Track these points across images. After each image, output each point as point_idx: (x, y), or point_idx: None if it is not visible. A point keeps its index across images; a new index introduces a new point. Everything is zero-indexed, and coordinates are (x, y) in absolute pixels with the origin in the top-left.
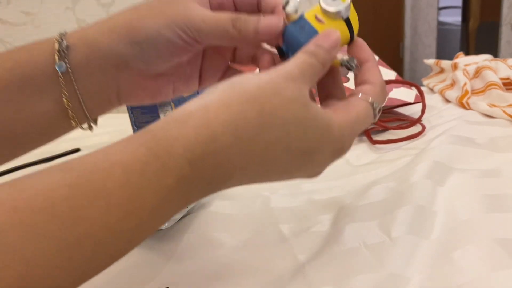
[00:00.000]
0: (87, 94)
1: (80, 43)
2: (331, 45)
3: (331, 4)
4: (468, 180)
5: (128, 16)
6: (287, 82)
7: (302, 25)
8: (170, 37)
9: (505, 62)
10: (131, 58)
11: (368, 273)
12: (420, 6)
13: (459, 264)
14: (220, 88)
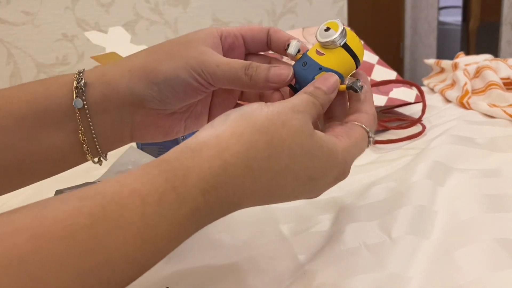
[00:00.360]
0: (101, 131)
1: (98, 81)
2: (329, 88)
3: (325, 35)
4: (469, 180)
5: (147, 58)
6: (293, 114)
7: (305, 61)
8: (186, 79)
9: (506, 62)
10: (148, 97)
11: (368, 273)
12: (421, 6)
13: (460, 264)
14: (231, 118)
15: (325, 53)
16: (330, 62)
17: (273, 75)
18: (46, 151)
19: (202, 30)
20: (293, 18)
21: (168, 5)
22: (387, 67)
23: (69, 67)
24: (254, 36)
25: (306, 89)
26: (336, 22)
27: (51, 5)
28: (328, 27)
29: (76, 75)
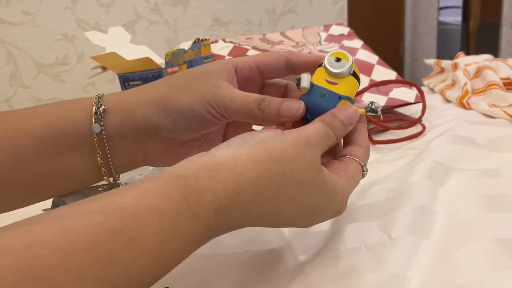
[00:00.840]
0: (116, 154)
1: (116, 108)
2: (348, 119)
3: (338, 66)
4: (469, 180)
5: (164, 91)
6: (306, 149)
7: (321, 93)
8: (201, 112)
9: (506, 62)
10: (163, 127)
11: (368, 273)
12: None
13: (460, 264)
14: (249, 144)
15: (338, 82)
16: (344, 90)
17: (284, 110)
18: (62, 172)
19: (218, 62)
20: (293, 18)
21: (168, 5)
22: (387, 67)
23: (69, 67)
24: (270, 66)
25: (325, 118)
26: (343, 53)
27: (51, 5)
28: (338, 58)
29: (96, 100)
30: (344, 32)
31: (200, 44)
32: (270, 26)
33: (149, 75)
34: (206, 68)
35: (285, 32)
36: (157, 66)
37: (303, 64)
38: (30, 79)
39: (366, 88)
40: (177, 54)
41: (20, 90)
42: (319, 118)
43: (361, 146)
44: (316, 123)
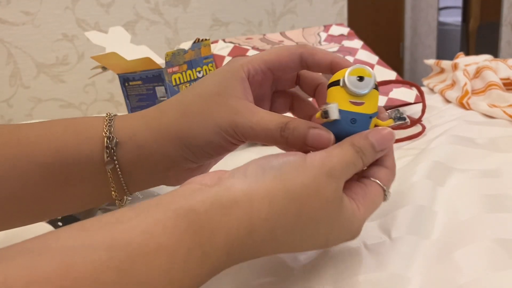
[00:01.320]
0: (131, 183)
1: (130, 142)
2: (381, 144)
3: (363, 85)
4: (469, 180)
5: (179, 122)
6: (328, 181)
7: (351, 118)
8: (219, 142)
9: (505, 62)
10: (182, 159)
11: (368, 273)
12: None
13: (460, 264)
14: (267, 177)
15: (364, 102)
16: (371, 107)
17: (312, 139)
18: (71, 199)
19: (229, 73)
20: (293, 18)
21: (168, 5)
22: (387, 67)
23: (69, 67)
24: (283, 66)
25: (355, 141)
26: (363, 69)
27: (51, 5)
28: (360, 76)
29: (106, 129)
30: (344, 32)
31: (200, 44)
32: (270, 27)
33: (149, 75)
34: (219, 87)
35: (285, 32)
36: (157, 66)
37: (317, 64)
38: (30, 79)
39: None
40: (177, 54)
41: (20, 90)
42: (349, 140)
43: (385, 168)
44: (344, 147)
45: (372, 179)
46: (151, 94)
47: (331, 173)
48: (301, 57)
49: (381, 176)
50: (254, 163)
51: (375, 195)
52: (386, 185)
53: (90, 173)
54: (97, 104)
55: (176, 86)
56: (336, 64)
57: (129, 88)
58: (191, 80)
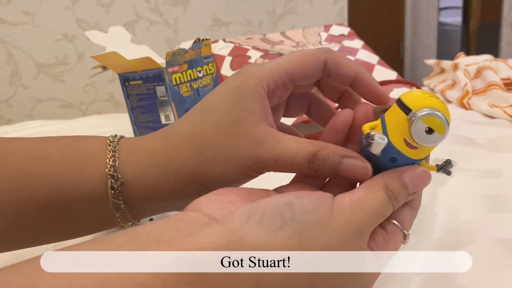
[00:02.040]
0: (139, 215)
1: (138, 183)
2: (415, 187)
3: (428, 140)
4: (469, 180)
5: (194, 163)
6: (354, 241)
7: (393, 156)
8: (240, 178)
9: (506, 62)
10: (196, 196)
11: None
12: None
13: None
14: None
15: (419, 147)
16: (422, 154)
17: (346, 171)
18: (72, 231)
19: (246, 90)
20: (293, 18)
21: (168, 5)
22: (388, 68)
23: (69, 67)
24: (307, 75)
25: (389, 183)
26: (439, 122)
27: (51, 5)
28: (430, 128)
29: (110, 164)
30: (344, 32)
31: (201, 43)
32: (270, 27)
33: (150, 74)
34: (235, 113)
35: (285, 32)
36: (158, 65)
37: (339, 76)
38: (30, 79)
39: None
40: (177, 54)
41: (20, 90)
42: (381, 180)
43: (410, 208)
44: (376, 190)
45: (394, 222)
46: (152, 94)
47: (360, 230)
48: (325, 66)
49: (405, 219)
50: (274, 206)
51: (396, 242)
52: (408, 228)
53: (92, 209)
54: (97, 104)
55: (177, 86)
56: (360, 80)
57: (129, 88)
58: (191, 79)
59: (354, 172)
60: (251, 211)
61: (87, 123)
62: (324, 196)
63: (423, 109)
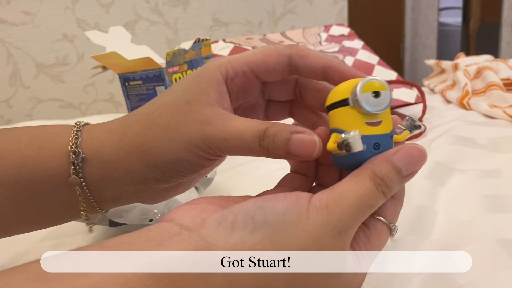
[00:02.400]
0: (101, 201)
1: (96, 158)
2: (410, 170)
3: (380, 102)
4: (469, 181)
5: (143, 138)
6: (332, 242)
7: (374, 143)
8: (190, 159)
9: (506, 62)
10: (151, 178)
11: (368, 273)
12: (421, 7)
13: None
14: (256, 238)
15: (382, 119)
16: (389, 124)
17: (295, 147)
18: (38, 217)
19: (204, 76)
20: (293, 18)
21: (168, 5)
22: (388, 68)
23: (69, 67)
24: (269, 69)
25: (377, 170)
26: (376, 82)
27: (51, 5)
28: (376, 92)
29: (73, 141)
30: (344, 33)
31: (201, 44)
32: (270, 27)
33: (150, 74)
34: (189, 94)
35: (285, 33)
36: (158, 66)
37: (308, 69)
38: (30, 79)
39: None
40: (177, 54)
41: (20, 90)
42: (368, 167)
43: (392, 198)
44: (361, 181)
45: (376, 217)
46: (152, 94)
47: (338, 229)
48: (290, 60)
49: (388, 211)
50: (246, 211)
51: (380, 238)
52: (393, 220)
53: (56, 191)
54: (97, 104)
55: None
56: (330, 69)
57: (130, 88)
58: None
59: (303, 147)
60: (223, 217)
61: None
62: (300, 196)
63: (354, 87)
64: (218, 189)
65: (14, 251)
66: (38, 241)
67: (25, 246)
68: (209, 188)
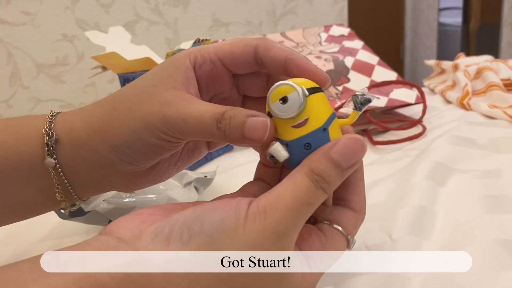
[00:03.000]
0: (77, 186)
1: (67, 139)
2: (350, 161)
3: (289, 107)
4: (469, 181)
5: (107, 117)
6: (275, 245)
7: (303, 144)
8: (150, 140)
9: (506, 63)
10: (114, 160)
11: (369, 273)
12: (421, 7)
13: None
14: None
15: (307, 117)
16: (320, 117)
17: (249, 130)
18: (15, 204)
19: (173, 62)
20: (293, 18)
21: (168, 5)
22: (388, 68)
23: (69, 67)
24: (236, 59)
25: (313, 165)
26: (281, 87)
27: (51, 5)
28: (283, 98)
29: (47, 125)
30: (344, 33)
31: (201, 44)
32: (270, 27)
33: None
34: (156, 77)
35: (285, 33)
36: None
37: (271, 61)
38: (30, 80)
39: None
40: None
41: (20, 90)
42: (306, 165)
43: (351, 210)
44: (298, 180)
45: (335, 226)
46: None
47: (278, 233)
48: (256, 51)
49: (346, 222)
50: (183, 221)
51: (336, 247)
52: (352, 232)
53: (33, 176)
54: None
55: None
56: (290, 62)
57: None
58: None
59: (255, 130)
60: (160, 227)
61: None
62: (240, 203)
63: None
64: (218, 189)
65: (14, 251)
66: (38, 241)
67: (25, 246)
68: (209, 188)
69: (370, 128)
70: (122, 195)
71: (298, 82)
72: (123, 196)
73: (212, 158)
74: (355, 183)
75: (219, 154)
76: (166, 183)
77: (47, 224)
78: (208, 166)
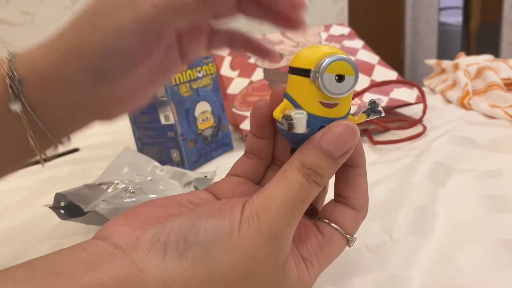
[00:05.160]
0: (54, 125)
1: (33, 75)
2: (342, 149)
3: (342, 88)
4: (469, 181)
5: (76, 35)
6: (266, 251)
7: (320, 125)
8: (124, 47)
9: (506, 62)
10: (91, 83)
11: (369, 274)
12: (421, 7)
13: (461, 265)
14: (188, 260)
15: (338, 103)
16: (344, 108)
17: None
18: None
19: None
20: None
21: None
22: (388, 68)
23: None
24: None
25: (304, 158)
26: (345, 63)
27: (50, 5)
28: (340, 75)
29: (7, 64)
30: (344, 32)
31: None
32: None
33: None
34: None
35: (285, 32)
36: None
37: None
38: None
39: (367, 89)
40: None
41: None
42: (297, 158)
43: (353, 209)
44: (290, 178)
45: (333, 226)
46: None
47: (272, 235)
48: None
49: (346, 221)
50: (178, 230)
51: (335, 248)
52: (352, 232)
53: (1, 124)
54: None
55: (176, 86)
56: None
57: None
58: (191, 80)
59: None
60: (156, 236)
61: None
62: (234, 207)
63: (320, 62)
64: None
65: (14, 251)
66: (38, 241)
67: (25, 246)
68: None
69: (370, 128)
70: (122, 195)
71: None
72: (123, 196)
73: (212, 158)
74: (355, 180)
75: (219, 154)
76: (166, 183)
77: (47, 224)
78: (208, 166)
